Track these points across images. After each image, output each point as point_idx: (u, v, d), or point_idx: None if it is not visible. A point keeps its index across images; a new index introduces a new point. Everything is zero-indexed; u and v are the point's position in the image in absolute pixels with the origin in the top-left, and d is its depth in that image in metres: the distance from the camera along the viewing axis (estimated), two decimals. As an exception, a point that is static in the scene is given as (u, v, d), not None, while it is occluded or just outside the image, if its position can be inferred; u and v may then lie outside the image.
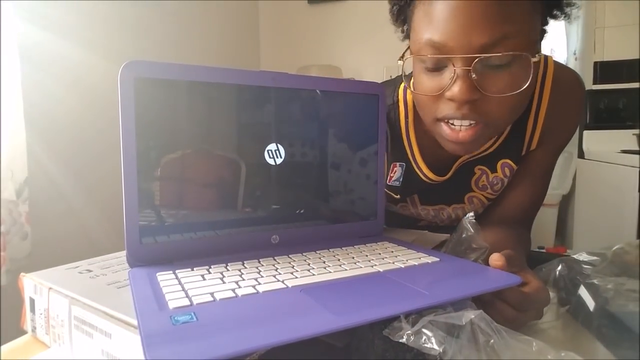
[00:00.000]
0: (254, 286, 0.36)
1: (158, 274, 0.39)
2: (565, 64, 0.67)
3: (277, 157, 0.48)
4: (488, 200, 0.70)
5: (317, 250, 0.48)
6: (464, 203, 0.72)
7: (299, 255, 0.46)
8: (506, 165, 0.65)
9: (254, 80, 0.47)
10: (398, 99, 0.67)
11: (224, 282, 0.37)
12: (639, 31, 1.81)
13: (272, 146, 0.48)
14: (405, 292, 0.37)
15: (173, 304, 0.32)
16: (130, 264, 0.42)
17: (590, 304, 0.44)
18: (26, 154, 1.08)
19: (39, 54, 1.23)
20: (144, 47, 1.62)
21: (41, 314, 0.41)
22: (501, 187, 0.68)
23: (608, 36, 1.90)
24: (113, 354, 0.33)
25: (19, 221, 1.07)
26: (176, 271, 0.40)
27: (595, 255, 0.49)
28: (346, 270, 0.42)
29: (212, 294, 0.35)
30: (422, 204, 0.73)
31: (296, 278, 0.39)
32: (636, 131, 1.88)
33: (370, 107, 0.55)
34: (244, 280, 0.38)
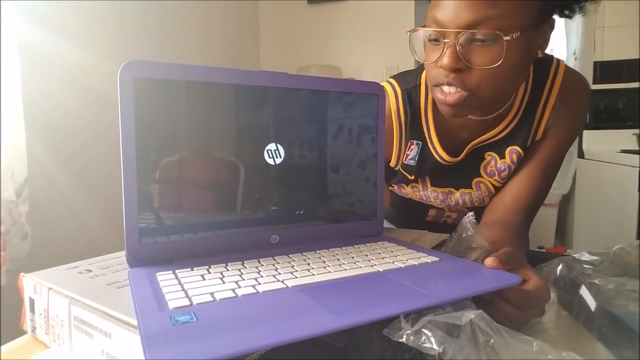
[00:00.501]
0: (254, 286, 0.36)
1: (158, 274, 0.39)
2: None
3: (277, 157, 0.48)
4: (495, 187, 0.75)
5: (317, 250, 0.48)
6: (471, 188, 0.76)
7: (299, 255, 0.46)
8: (514, 152, 0.70)
9: (253, 80, 0.47)
10: (420, 82, 0.73)
11: (224, 282, 0.37)
12: (639, 31, 1.81)
13: (272, 146, 0.48)
14: (405, 292, 0.37)
15: (173, 304, 0.32)
16: (130, 264, 0.42)
17: (591, 304, 0.43)
18: (26, 154, 1.08)
19: (39, 54, 1.23)
20: (144, 47, 1.63)
21: (41, 314, 0.41)
22: (508, 175, 0.73)
23: (608, 36, 1.90)
24: (113, 354, 0.33)
25: (19, 221, 1.07)
26: (176, 271, 0.40)
27: (596, 255, 0.49)
28: (346, 270, 0.42)
29: (212, 294, 0.35)
30: (432, 186, 0.78)
31: (296, 278, 0.39)
32: (636, 131, 1.88)
33: (370, 107, 0.55)
34: (243, 280, 0.38)
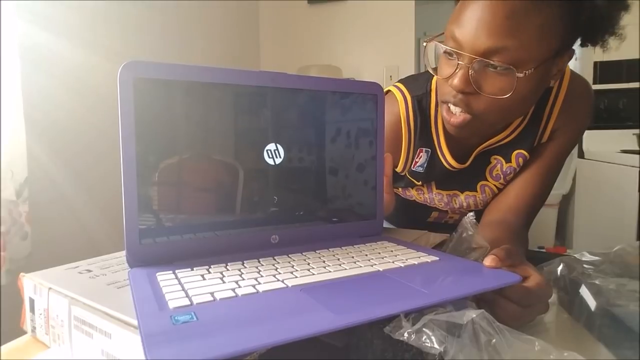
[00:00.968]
0: (254, 286, 0.36)
1: (158, 274, 0.39)
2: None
3: (277, 157, 0.48)
4: (498, 190, 0.75)
5: (317, 250, 0.48)
6: (476, 191, 0.76)
7: (299, 254, 0.46)
8: (520, 156, 0.71)
9: (253, 80, 0.47)
10: (431, 89, 0.72)
11: (224, 282, 0.37)
12: (639, 31, 1.81)
13: (271, 146, 0.48)
14: (405, 291, 0.36)
15: (173, 304, 0.32)
16: (130, 264, 0.42)
17: (591, 304, 0.43)
18: (26, 154, 1.08)
19: (40, 55, 1.23)
20: (144, 48, 1.63)
21: (41, 314, 0.41)
22: (512, 177, 0.73)
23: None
24: (113, 354, 0.33)
25: (19, 221, 1.07)
26: (176, 271, 0.40)
27: (597, 255, 0.49)
28: (346, 269, 0.42)
29: (212, 293, 0.35)
30: (437, 188, 0.78)
31: (296, 277, 0.39)
32: (636, 131, 1.88)
33: (370, 107, 0.55)
34: (243, 280, 0.38)
